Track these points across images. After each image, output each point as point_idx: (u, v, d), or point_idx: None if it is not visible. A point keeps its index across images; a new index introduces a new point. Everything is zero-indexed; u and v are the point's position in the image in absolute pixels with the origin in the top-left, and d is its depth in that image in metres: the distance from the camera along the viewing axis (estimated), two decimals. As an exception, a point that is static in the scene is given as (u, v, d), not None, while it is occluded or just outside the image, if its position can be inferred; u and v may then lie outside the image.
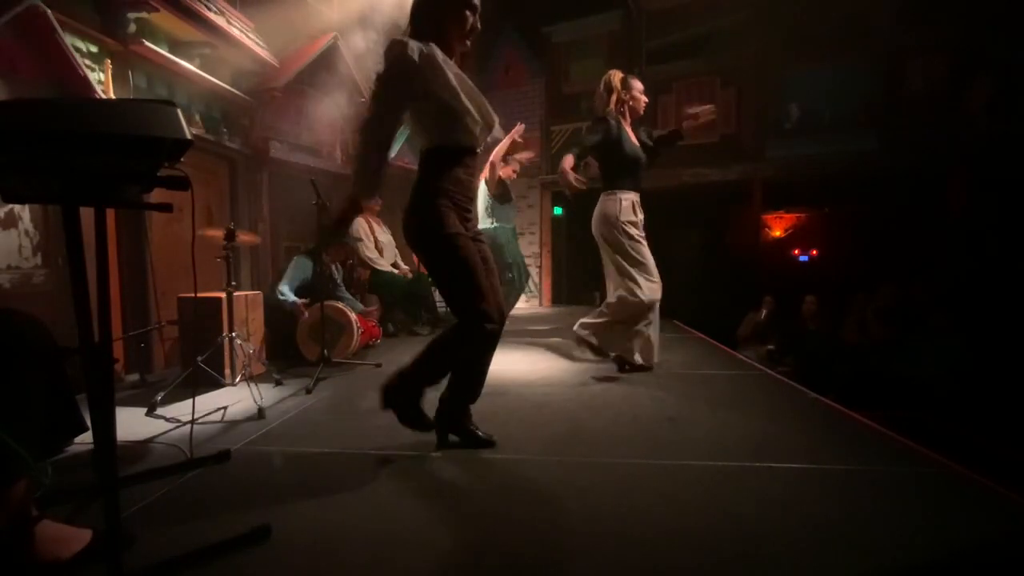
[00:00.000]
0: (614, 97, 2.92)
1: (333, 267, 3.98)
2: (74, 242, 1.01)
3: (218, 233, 2.77)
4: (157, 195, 1.14)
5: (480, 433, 1.92)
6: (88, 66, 2.96)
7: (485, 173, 4.45)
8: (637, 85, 2.98)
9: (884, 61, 6.05)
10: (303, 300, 3.53)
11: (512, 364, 3.42)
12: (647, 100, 3.04)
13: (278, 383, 2.89)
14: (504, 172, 4.61)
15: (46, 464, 1.53)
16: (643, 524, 1.36)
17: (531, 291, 4.38)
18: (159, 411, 2.43)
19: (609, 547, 1.27)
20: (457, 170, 1.77)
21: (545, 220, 7.91)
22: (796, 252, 8.69)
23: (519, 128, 4.39)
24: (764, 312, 5.62)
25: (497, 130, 1.93)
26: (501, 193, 4.62)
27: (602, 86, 2.96)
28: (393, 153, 1.98)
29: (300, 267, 3.64)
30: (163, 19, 3.41)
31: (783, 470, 1.68)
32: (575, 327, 3.07)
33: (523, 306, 6.94)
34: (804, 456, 1.78)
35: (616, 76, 2.95)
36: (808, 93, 6.38)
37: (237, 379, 2.88)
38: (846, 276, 6.37)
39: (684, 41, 6.88)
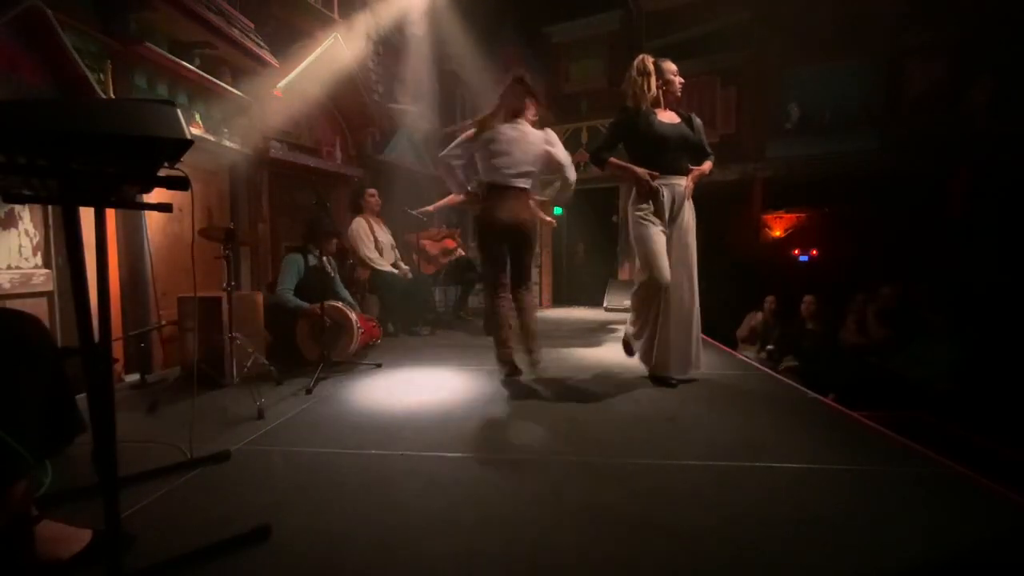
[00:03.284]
0: (653, 80, 2.78)
1: (325, 260, 3.93)
2: (74, 242, 1.01)
3: (221, 231, 2.76)
4: (157, 195, 1.14)
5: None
6: (88, 66, 2.96)
7: None
8: (670, 67, 2.86)
9: (884, 61, 6.05)
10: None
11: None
12: (683, 81, 2.90)
13: (278, 383, 2.89)
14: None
15: (46, 464, 1.54)
16: (643, 524, 1.36)
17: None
18: (159, 411, 2.43)
19: (609, 547, 1.27)
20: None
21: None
22: (796, 252, 8.66)
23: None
24: (762, 314, 5.58)
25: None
26: None
27: (634, 71, 2.81)
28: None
29: (292, 264, 3.59)
30: (163, 19, 3.40)
31: (783, 470, 1.68)
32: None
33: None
34: (804, 456, 1.78)
35: (649, 60, 2.82)
36: (808, 93, 6.39)
37: (237, 379, 2.89)
38: (846, 276, 6.36)
39: (684, 41, 6.87)
